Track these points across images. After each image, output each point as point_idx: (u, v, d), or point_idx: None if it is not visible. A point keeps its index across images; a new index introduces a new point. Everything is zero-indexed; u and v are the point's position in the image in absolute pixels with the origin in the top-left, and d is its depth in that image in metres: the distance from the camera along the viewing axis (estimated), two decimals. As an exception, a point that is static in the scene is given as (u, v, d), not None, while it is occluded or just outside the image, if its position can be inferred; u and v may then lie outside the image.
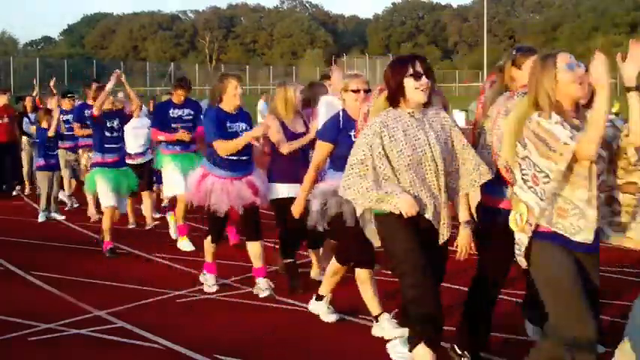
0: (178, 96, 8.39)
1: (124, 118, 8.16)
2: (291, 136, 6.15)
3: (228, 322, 5.44)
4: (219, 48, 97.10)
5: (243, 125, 6.08)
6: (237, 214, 6.12)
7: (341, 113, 5.08)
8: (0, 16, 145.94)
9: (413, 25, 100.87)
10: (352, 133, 4.91)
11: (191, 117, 8.44)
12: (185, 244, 8.06)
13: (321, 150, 5.09)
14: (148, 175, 9.41)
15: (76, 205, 11.07)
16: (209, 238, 6.23)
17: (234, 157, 5.94)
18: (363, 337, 5.05)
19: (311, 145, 5.92)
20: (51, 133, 10.03)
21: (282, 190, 6.09)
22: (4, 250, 8.08)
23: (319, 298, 5.43)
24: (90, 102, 9.24)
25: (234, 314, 5.64)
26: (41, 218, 10.08)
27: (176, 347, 4.83)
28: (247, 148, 5.98)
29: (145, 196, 9.42)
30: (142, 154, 9.43)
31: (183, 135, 8.22)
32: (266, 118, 6.38)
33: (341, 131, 4.99)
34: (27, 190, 12.70)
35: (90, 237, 8.90)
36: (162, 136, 8.29)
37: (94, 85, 9.42)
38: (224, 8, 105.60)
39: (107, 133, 7.84)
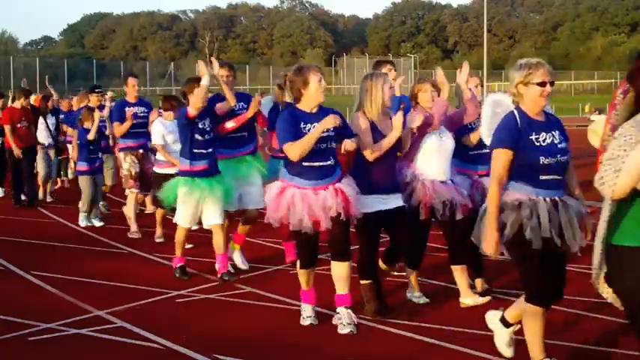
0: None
1: (217, 117, 6.72)
2: (381, 139, 5.32)
3: (228, 322, 5.44)
4: (219, 48, 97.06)
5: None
6: (325, 230, 5.13)
7: (516, 113, 4.18)
8: (0, 16, 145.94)
9: (413, 25, 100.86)
10: (535, 137, 4.11)
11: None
12: (238, 257, 7.09)
13: (501, 159, 4.10)
14: None
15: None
16: (299, 265, 5.35)
17: (317, 163, 5.04)
18: (364, 337, 5.05)
19: (400, 147, 5.44)
20: (91, 136, 9.43)
21: (369, 203, 5.24)
22: (4, 250, 8.08)
23: (506, 324, 4.50)
24: (130, 100, 8.87)
25: (234, 314, 5.64)
26: (82, 222, 9.62)
27: (176, 347, 4.83)
28: (331, 152, 5.12)
29: None
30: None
31: None
32: (353, 117, 5.44)
33: (521, 134, 4.11)
34: (43, 197, 11.82)
35: (90, 237, 8.89)
36: (231, 123, 6.84)
37: (132, 80, 8.93)
38: (224, 8, 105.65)
39: (197, 136, 6.46)
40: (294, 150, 4.97)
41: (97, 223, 9.64)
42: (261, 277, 6.78)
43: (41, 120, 11.78)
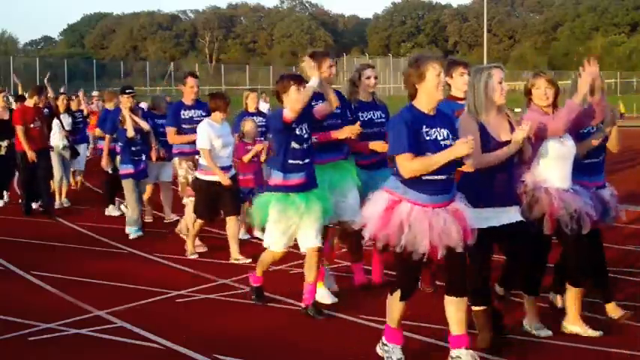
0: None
1: (314, 122, 5.66)
2: (495, 145, 4.56)
3: (228, 322, 5.44)
4: (219, 48, 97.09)
5: (444, 132, 4.33)
6: (436, 257, 4.33)
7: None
8: (0, 16, 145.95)
9: (413, 25, 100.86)
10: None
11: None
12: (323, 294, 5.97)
13: None
14: (235, 196, 7.60)
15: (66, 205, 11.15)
16: (396, 294, 4.50)
17: (439, 177, 4.26)
18: (364, 337, 5.04)
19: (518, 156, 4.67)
20: (130, 133, 8.66)
21: (481, 217, 4.45)
22: (4, 250, 8.08)
23: None
24: (187, 102, 8.18)
25: (234, 314, 5.64)
26: (133, 234, 8.70)
27: (176, 347, 4.83)
28: (454, 163, 4.31)
29: (231, 222, 7.49)
30: (226, 169, 7.50)
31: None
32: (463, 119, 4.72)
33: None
34: (60, 201, 11.16)
35: (90, 237, 8.89)
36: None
37: (191, 80, 8.25)
38: (224, 8, 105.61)
39: (294, 144, 5.45)
40: (414, 167, 4.19)
41: (135, 234, 8.72)
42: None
43: (56, 121, 11.18)
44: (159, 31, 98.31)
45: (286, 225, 5.52)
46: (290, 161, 5.45)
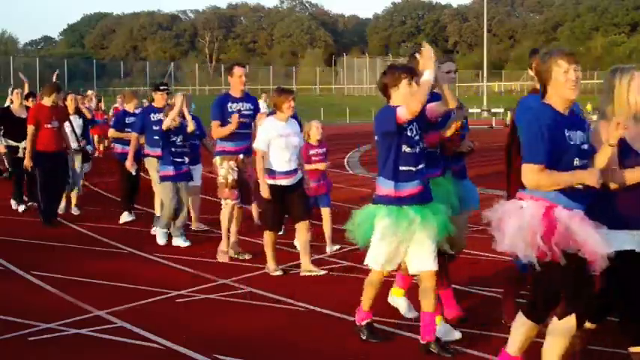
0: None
1: (427, 123, 4.87)
2: (635, 159, 3.90)
3: (228, 322, 5.44)
4: (219, 48, 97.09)
5: (580, 134, 3.80)
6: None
7: None
8: (0, 16, 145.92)
9: (413, 25, 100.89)
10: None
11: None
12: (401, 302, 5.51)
13: None
14: (305, 200, 6.96)
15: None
16: (572, 321, 3.83)
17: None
18: (363, 337, 5.05)
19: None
20: (165, 126, 8.02)
21: (617, 240, 3.78)
22: (4, 250, 8.08)
23: None
24: (235, 94, 7.47)
25: (234, 314, 5.65)
26: (161, 239, 8.27)
27: (176, 347, 4.83)
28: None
29: (302, 230, 6.86)
30: (293, 172, 6.76)
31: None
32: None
33: None
34: (66, 207, 10.51)
35: (90, 237, 8.89)
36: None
37: (238, 70, 7.56)
38: (224, 8, 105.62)
39: (405, 148, 4.68)
40: (541, 182, 3.69)
41: (183, 243, 8.13)
42: (261, 277, 6.78)
43: (66, 123, 10.34)
44: (159, 31, 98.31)
45: (395, 243, 4.69)
46: (402, 168, 4.66)
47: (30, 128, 9.46)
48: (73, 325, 5.31)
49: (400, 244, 4.70)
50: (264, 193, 6.59)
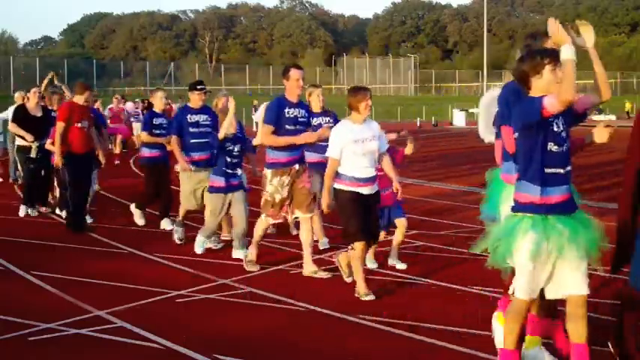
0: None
1: (575, 117, 4.11)
2: None
3: (228, 322, 5.44)
4: (219, 48, 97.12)
5: None
6: None
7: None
8: (0, 16, 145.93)
9: (413, 25, 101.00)
10: None
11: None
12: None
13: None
14: (377, 216, 6.43)
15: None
16: None
17: None
18: (364, 337, 5.05)
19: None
20: (221, 135, 7.39)
21: None
22: (4, 250, 8.08)
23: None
24: (290, 98, 6.80)
25: (234, 314, 5.65)
26: (198, 248, 7.74)
27: (176, 347, 4.83)
28: None
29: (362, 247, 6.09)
30: (371, 180, 6.07)
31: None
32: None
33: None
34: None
35: (90, 237, 8.88)
36: None
37: (295, 73, 6.79)
38: (224, 8, 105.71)
39: (552, 146, 3.92)
40: None
41: (242, 255, 7.37)
42: (261, 277, 6.78)
43: None
44: (159, 31, 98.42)
45: (545, 262, 3.92)
46: (548, 170, 3.90)
47: (60, 125, 8.91)
48: (73, 325, 5.31)
49: (547, 262, 3.91)
50: (325, 205, 6.04)
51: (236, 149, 7.49)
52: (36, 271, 6.96)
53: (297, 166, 6.80)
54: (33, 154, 10.22)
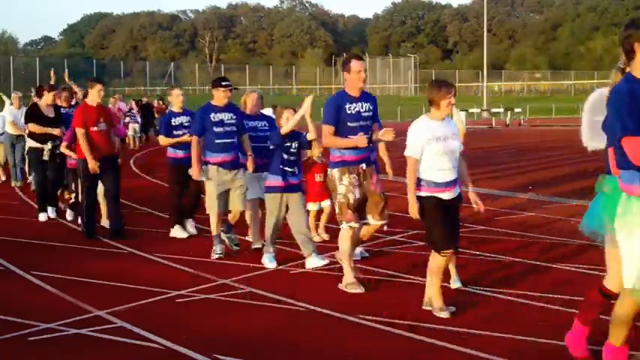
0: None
1: None
2: None
3: (228, 322, 5.44)
4: (219, 48, 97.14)
5: None
6: None
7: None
8: (0, 16, 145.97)
9: (413, 25, 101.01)
10: None
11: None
12: None
13: None
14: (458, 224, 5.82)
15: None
16: None
17: None
18: (364, 337, 5.05)
19: None
20: (284, 130, 6.93)
21: None
22: (4, 250, 8.08)
23: None
24: (352, 92, 6.15)
25: (234, 314, 5.64)
26: (269, 263, 7.08)
27: (176, 347, 4.83)
28: None
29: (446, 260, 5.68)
30: (453, 183, 5.53)
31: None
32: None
33: None
34: (103, 221, 9.30)
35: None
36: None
37: (357, 64, 6.14)
38: (224, 8, 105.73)
39: None
40: None
41: (320, 262, 6.88)
42: (261, 277, 6.78)
43: None
44: (159, 31, 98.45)
45: None
46: None
47: (79, 132, 8.43)
48: (73, 325, 5.31)
49: None
50: (414, 212, 5.42)
51: (294, 146, 7.03)
52: (36, 271, 6.96)
53: (364, 166, 6.17)
54: (46, 157, 9.88)
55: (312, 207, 8.32)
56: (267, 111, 8.91)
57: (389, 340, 4.96)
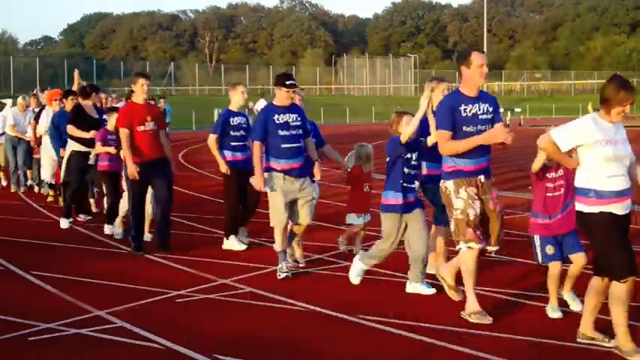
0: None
1: None
2: None
3: (228, 322, 5.44)
4: (219, 48, 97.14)
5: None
6: None
7: None
8: (0, 16, 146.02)
9: (413, 25, 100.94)
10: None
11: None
12: None
13: None
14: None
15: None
16: None
17: None
18: (363, 336, 5.05)
19: None
20: (405, 138, 5.86)
21: None
22: (4, 250, 8.08)
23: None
24: (468, 92, 5.31)
25: (234, 314, 5.64)
26: (356, 277, 6.35)
27: (176, 347, 4.83)
28: None
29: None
30: (626, 193, 4.67)
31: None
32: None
33: None
34: (118, 228, 8.79)
35: (90, 237, 8.88)
36: None
37: (479, 58, 5.26)
38: (224, 8, 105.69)
39: None
40: None
41: (427, 290, 6.09)
42: (261, 277, 6.78)
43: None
44: (159, 31, 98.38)
45: None
46: None
47: (123, 132, 7.65)
48: (73, 325, 5.31)
49: None
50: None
51: (414, 157, 5.97)
52: (36, 271, 6.96)
53: (482, 178, 5.28)
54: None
55: (357, 220, 7.37)
56: (262, 103, 8.85)
57: (389, 340, 4.96)
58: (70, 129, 9.40)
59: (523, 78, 79.22)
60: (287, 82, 6.76)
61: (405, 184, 5.93)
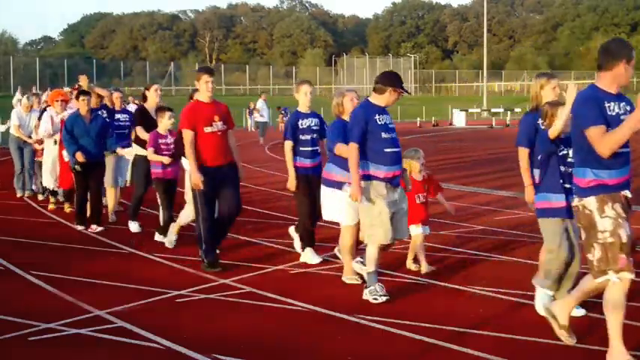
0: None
1: None
2: None
3: (228, 322, 5.44)
4: (219, 48, 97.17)
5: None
6: None
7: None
8: (0, 16, 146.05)
9: (413, 25, 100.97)
10: None
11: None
12: None
13: None
14: None
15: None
16: None
17: None
18: (364, 337, 5.05)
19: None
20: (554, 133, 5.17)
21: None
22: (4, 250, 8.07)
23: None
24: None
25: (234, 314, 5.64)
26: (543, 308, 5.19)
27: (176, 347, 4.83)
28: None
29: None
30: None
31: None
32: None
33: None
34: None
35: (90, 237, 8.88)
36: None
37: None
38: (224, 8, 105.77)
39: None
40: None
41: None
42: (261, 277, 6.78)
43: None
44: (159, 31, 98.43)
45: None
46: None
47: (188, 135, 6.87)
48: (73, 325, 5.31)
49: None
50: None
51: (570, 153, 5.13)
52: (36, 271, 6.96)
53: (628, 193, 4.43)
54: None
55: (415, 230, 6.79)
56: (262, 103, 8.69)
57: (389, 340, 4.96)
58: (140, 131, 8.87)
59: (523, 78, 79.22)
60: (402, 85, 5.99)
61: (565, 185, 5.21)
